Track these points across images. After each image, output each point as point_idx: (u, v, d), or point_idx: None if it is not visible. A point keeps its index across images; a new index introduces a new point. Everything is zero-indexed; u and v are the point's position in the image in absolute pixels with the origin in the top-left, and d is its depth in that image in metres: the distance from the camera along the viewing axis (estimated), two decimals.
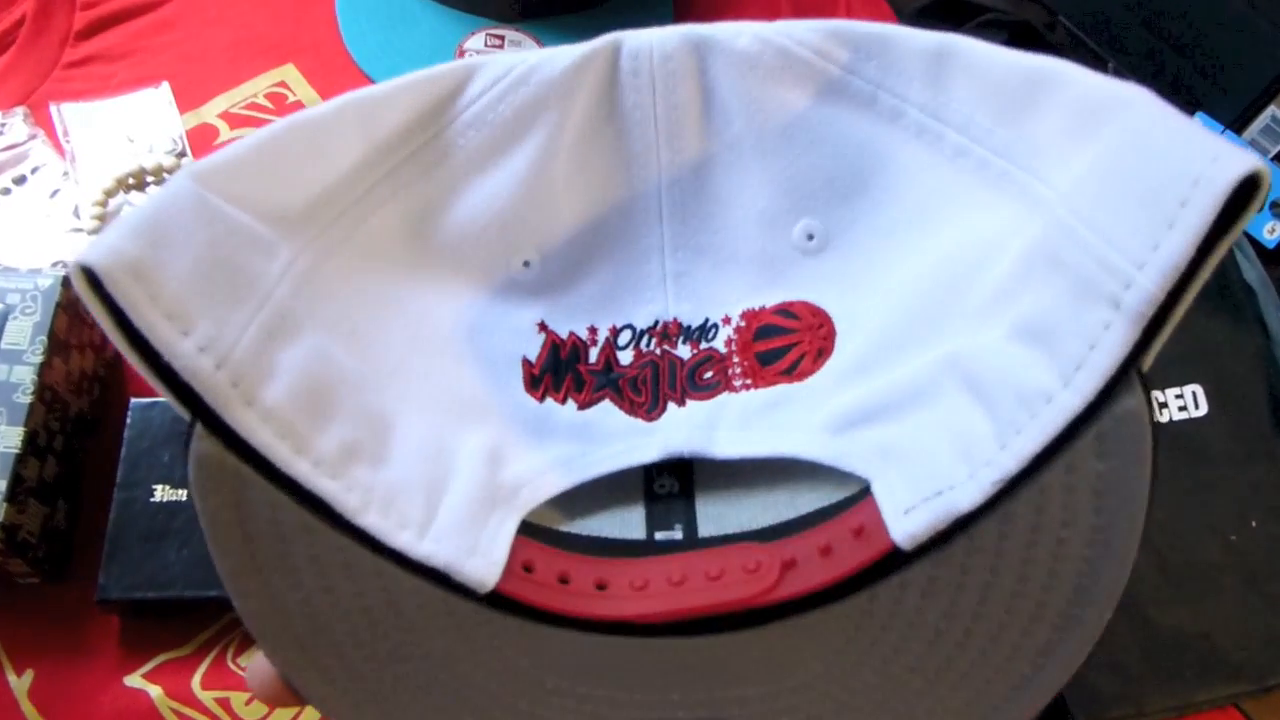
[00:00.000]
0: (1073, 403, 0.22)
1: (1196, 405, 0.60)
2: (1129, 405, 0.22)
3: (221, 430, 0.23)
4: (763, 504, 0.29)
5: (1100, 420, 0.22)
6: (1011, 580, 0.24)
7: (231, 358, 0.22)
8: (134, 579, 0.46)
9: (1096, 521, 0.23)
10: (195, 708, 0.46)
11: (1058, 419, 0.22)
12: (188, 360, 0.22)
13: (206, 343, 0.22)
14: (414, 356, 0.28)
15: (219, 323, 0.23)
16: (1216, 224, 0.21)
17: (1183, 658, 0.52)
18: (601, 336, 0.32)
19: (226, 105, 0.62)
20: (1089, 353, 0.22)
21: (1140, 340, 0.21)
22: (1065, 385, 0.22)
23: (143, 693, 0.46)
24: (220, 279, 0.23)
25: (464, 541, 0.25)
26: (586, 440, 0.30)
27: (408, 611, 0.25)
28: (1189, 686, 0.51)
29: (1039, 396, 0.23)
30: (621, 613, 0.25)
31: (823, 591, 0.25)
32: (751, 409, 0.30)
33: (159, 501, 0.47)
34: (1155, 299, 0.21)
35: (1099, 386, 0.22)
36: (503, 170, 0.30)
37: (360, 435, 0.25)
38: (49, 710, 0.46)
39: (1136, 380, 0.22)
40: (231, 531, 0.24)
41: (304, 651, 0.25)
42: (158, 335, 0.22)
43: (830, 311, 0.31)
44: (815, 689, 0.25)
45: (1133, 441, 0.22)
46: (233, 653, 0.47)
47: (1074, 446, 0.22)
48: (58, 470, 0.47)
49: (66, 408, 0.48)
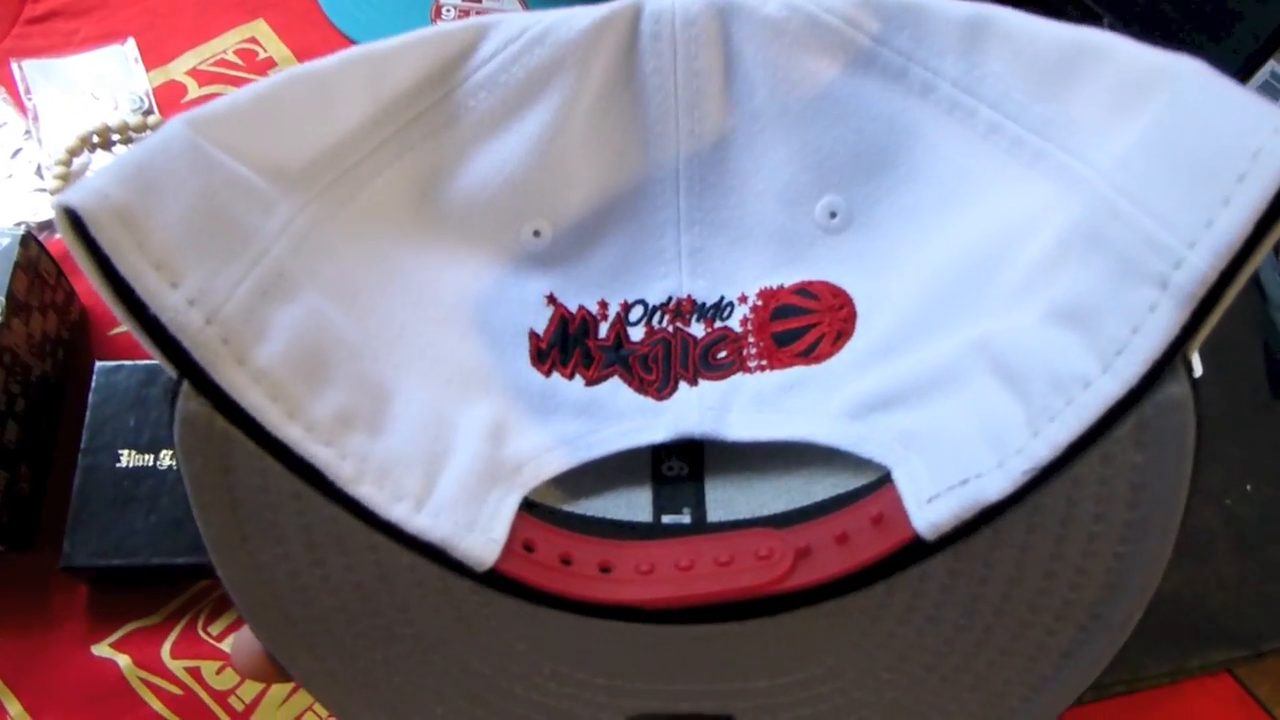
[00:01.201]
0: (1112, 389, 0.21)
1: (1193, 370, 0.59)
2: (1173, 393, 0.20)
3: (210, 389, 0.21)
4: (776, 489, 0.28)
5: (1141, 408, 0.21)
6: (1037, 576, 0.22)
7: (223, 313, 0.21)
8: (100, 546, 0.44)
9: (1131, 516, 0.21)
10: (165, 677, 0.45)
11: (1095, 406, 0.21)
12: (176, 313, 0.21)
13: (196, 296, 0.21)
14: (416, 325, 0.27)
15: (211, 276, 0.21)
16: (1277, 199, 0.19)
17: (1177, 623, 0.51)
18: (612, 311, 0.31)
19: (195, 62, 0.60)
20: (1132, 336, 0.20)
21: (1189, 323, 0.20)
22: (1105, 370, 0.21)
23: (111, 662, 0.45)
24: (214, 231, 0.22)
25: (463, 517, 0.24)
26: (593, 418, 0.29)
27: (401, 588, 0.24)
28: (1183, 652, 0.51)
29: (1076, 382, 0.21)
30: (626, 597, 0.24)
31: (837, 581, 0.24)
32: (766, 391, 0.29)
33: (125, 467, 0.46)
34: (1208, 279, 0.19)
35: (1141, 372, 0.20)
36: (514, 135, 0.29)
37: (357, 402, 0.24)
38: (14, 680, 0.44)
39: (1181, 367, 0.20)
40: (217, 497, 0.22)
41: (291, 626, 0.24)
42: (144, 285, 0.20)
43: (851, 292, 0.30)
44: (826, 683, 0.24)
45: (1175, 432, 0.21)
46: (203, 621, 0.46)
47: (1112, 435, 0.21)
48: (20, 435, 0.46)
49: (28, 371, 0.47)
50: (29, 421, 0.47)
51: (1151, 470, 0.21)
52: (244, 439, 0.22)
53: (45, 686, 0.44)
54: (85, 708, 0.44)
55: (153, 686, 0.45)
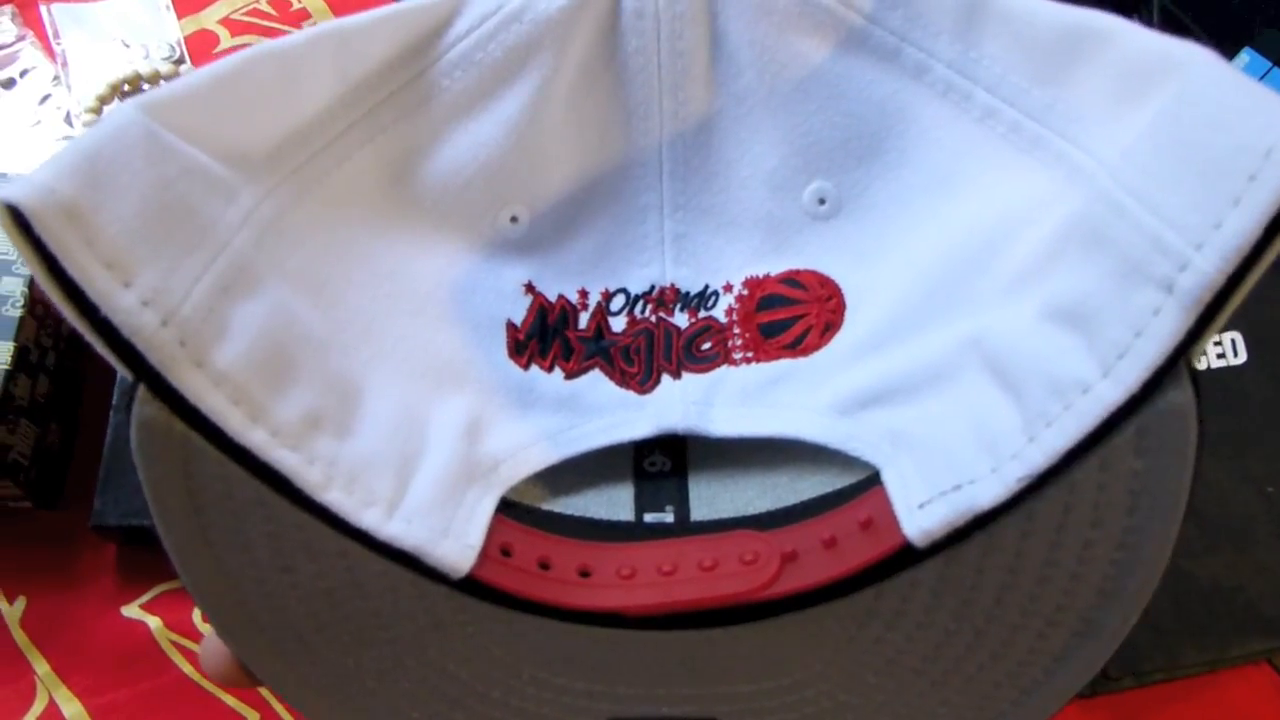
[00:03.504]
0: (1113, 395, 0.20)
1: (1235, 353, 0.58)
2: (1175, 400, 0.20)
3: (167, 394, 0.20)
4: (761, 487, 0.27)
5: (1142, 415, 0.20)
6: (1030, 582, 0.22)
7: (180, 313, 0.20)
8: (132, 505, 0.43)
9: (1129, 523, 0.21)
10: (196, 640, 0.44)
11: (1095, 412, 0.20)
12: (129, 315, 0.19)
13: (151, 296, 0.20)
14: (388, 317, 0.26)
15: (167, 273, 0.20)
16: None
17: (1216, 611, 0.51)
18: (593, 301, 0.30)
19: (228, 11, 0.58)
20: (1134, 340, 0.20)
21: (1194, 328, 0.19)
22: (1105, 375, 0.20)
23: (141, 624, 0.44)
24: (170, 224, 0.20)
25: (436, 522, 0.23)
26: (573, 412, 0.28)
27: (373, 594, 0.23)
28: (1223, 641, 0.50)
29: (1074, 386, 0.21)
30: (606, 603, 0.24)
31: (825, 588, 0.23)
32: (752, 384, 0.28)
33: None
34: (1215, 283, 0.19)
35: (1144, 378, 0.20)
36: (491, 116, 0.28)
37: (325, 403, 0.23)
38: (42, 640, 0.44)
39: (1185, 372, 0.20)
40: (178, 503, 0.21)
41: (260, 633, 0.23)
42: (94, 286, 0.19)
43: (840, 282, 0.29)
44: (812, 687, 0.23)
45: (1176, 439, 0.20)
46: None
47: (1111, 442, 0.20)
48: (50, 389, 0.45)
49: (59, 324, 0.45)
50: (59, 375, 0.46)
51: (1151, 477, 0.20)
52: (205, 445, 0.21)
53: (74, 647, 0.44)
54: (114, 669, 0.43)
55: (183, 649, 0.44)
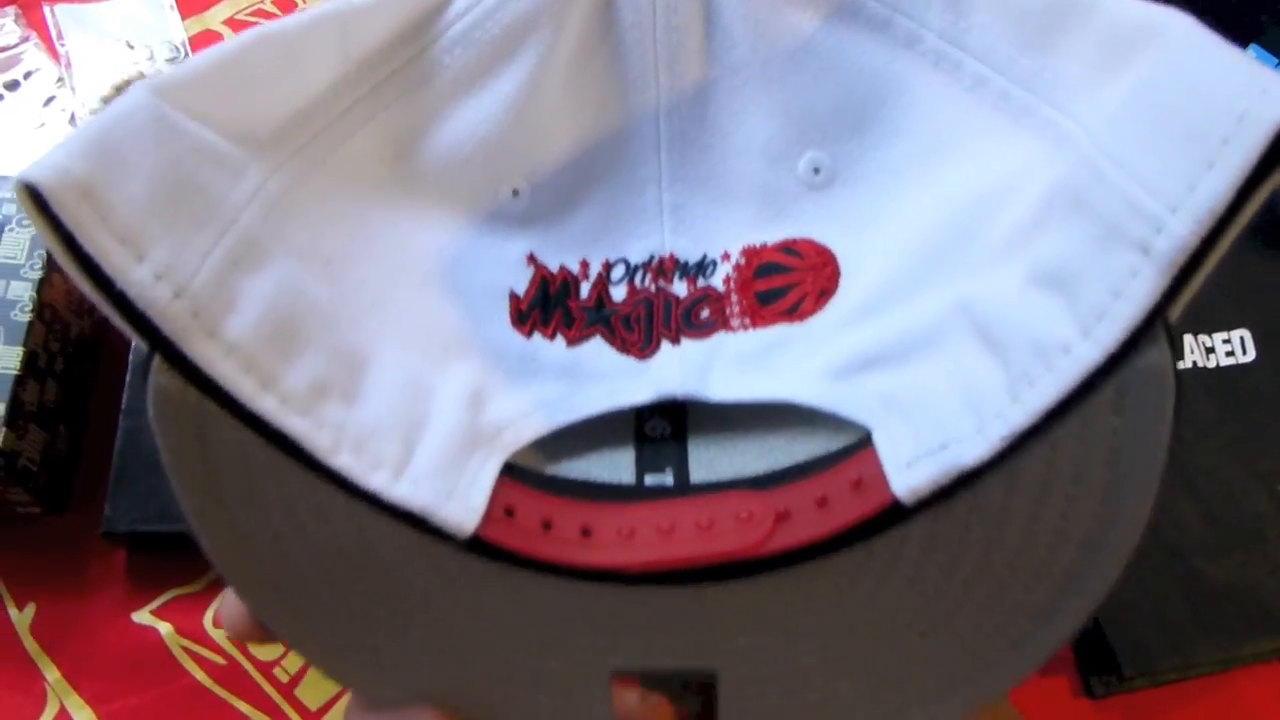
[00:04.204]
0: (1092, 355, 0.21)
1: (1244, 350, 0.58)
2: (1153, 359, 0.20)
3: (181, 363, 0.21)
4: (758, 450, 0.28)
5: (1121, 374, 0.21)
6: (1016, 538, 0.22)
7: (191, 286, 0.21)
8: (142, 511, 0.43)
9: (1110, 480, 0.21)
10: (208, 647, 0.44)
11: (1075, 372, 0.21)
12: (143, 288, 0.20)
13: (163, 269, 0.20)
14: (393, 289, 0.27)
15: (178, 248, 0.21)
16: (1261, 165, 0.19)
17: (1229, 611, 0.51)
18: (594, 271, 0.30)
19: (231, 11, 0.58)
20: (1113, 302, 0.20)
21: (1169, 289, 0.20)
22: (1085, 336, 0.21)
23: (152, 630, 0.44)
24: (180, 201, 0.21)
25: (442, 484, 0.24)
26: (575, 379, 0.28)
27: (383, 554, 0.24)
28: (1235, 640, 0.50)
29: (1056, 347, 0.21)
30: (606, 560, 0.24)
31: (817, 544, 0.24)
32: (749, 350, 0.29)
33: None
34: (1189, 245, 0.19)
35: (1121, 338, 0.20)
36: (490, 93, 0.28)
37: (332, 371, 0.23)
38: (52, 646, 0.43)
39: (1162, 332, 0.20)
40: (195, 468, 0.22)
41: (275, 592, 0.24)
42: (110, 261, 0.20)
43: (835, 250, 0.29)
44: (806, 642, 0.24)
45: (1154, 398, 0.21)
46: None
47: (1090, 401, 0.21)
48: (59, 395, 0.44)
49: (67, 328, 0.45)
50: (67, 381, 0.45)
51: (1131, 435, 0.21)
52: (219, 411, 0.22)
53: (84, 653, 0.43)
54: (126, 676, 0.43)
55: (195, 656, 0.44)
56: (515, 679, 0.25)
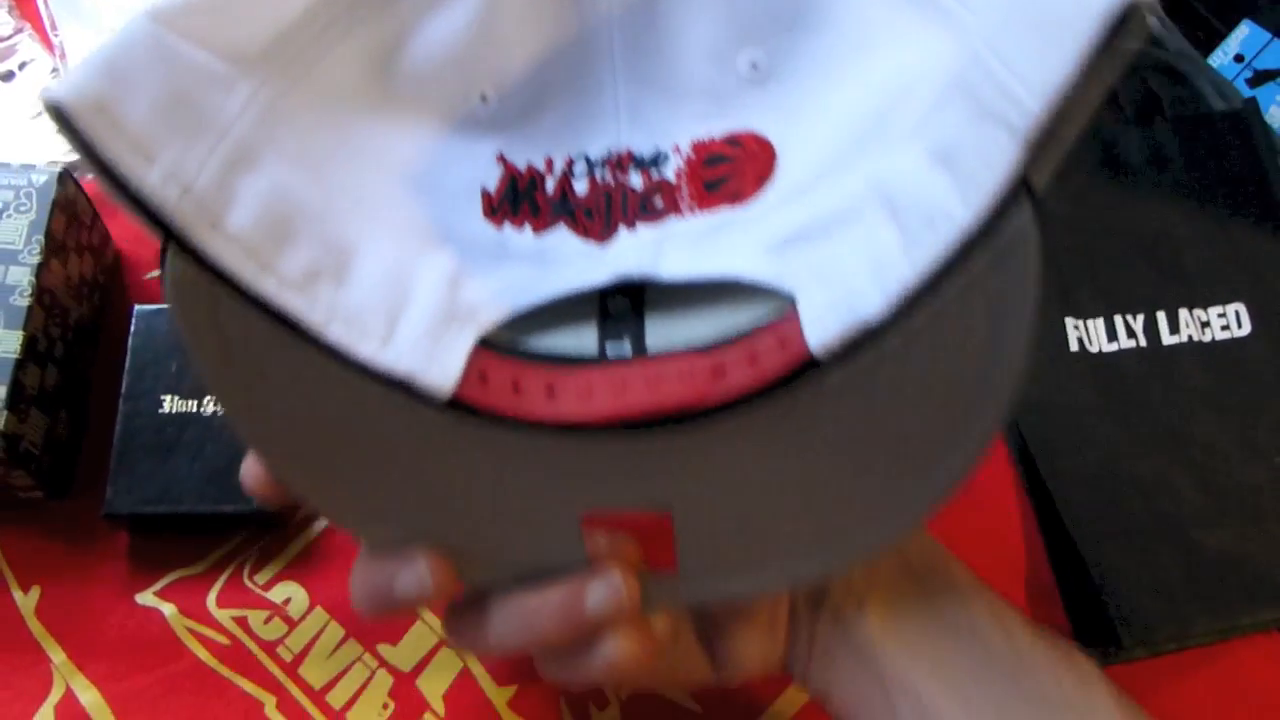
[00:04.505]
0: (968, 220, 0.24)
1: (1239, 324, 0.58)
2: (1019, 223, 0.24)
3: (192, 252, 0.24)
4: (706, 322, 0.30)
5: (994, 237, 0.24)
6: (916, 386, 0.26)
7: (195, 186, 0.24)
8: (143, 493, 0.43)
9: (991, 332, 0.25)
10: (212, 626, 0.44)
11: (955, 235, 0.24)
12: (154, 188, 0.24)
13: (170, 172, 0.24)
14: (375, 189, 0.30)
15: (181, 154, 0.24)
16: (1104, 51, 0.22)
17: (1227, 581, 0.51)
18: (558, 168, 0.33)
19: None
20: (985, 173, 0.23)
21: (1030, 161, 0.23)
22: (964, 204, 0.24)
23: (156, 611, 0.44)
24: (181, 113, 0.24)
25: (423, 352, 0.27)
26: (542, 264, 0.31)
27: (375, 416, 0.27)
28: (1234, 610, 0.50)
29: (942, 215, 0.24)
30: (568, 415, 0.27)
31: (749, 396, 0.27)
32: (697, 233, 0.31)
33: (168, 413, 0.45)
34: (1042, 122, 0.22)
35: (992, 204, 0.23)
36: (456, 7, 0.31)
37: (323, 259, 0.26)
38: (57, 628, 0.44)
39: (1027, 200, 0.23)
40: (210, 344, 0.26)
41: (287, 453, 0.28)
42: (124, 165, 0.23)
43: (773, 139, 0.31)
44: (746, 481, 0.28)
45: (1023, 257, 0.24)
46: (249, 571, 0.45)
47: (970, 261, 0.24)
48: (59, 380, 0.45)
49: (66, 314, 0.45)
50: (67, 365, 0.45)
51: (1005, 291, 0.24)
52: (226, 293, 0.25)
53: (89, 635, 0.44)
54: (130, 656, 0.43)
55: (199, 636, 0.44)
56: (497, 524, 0.29)
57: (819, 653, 0.36)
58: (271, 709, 0.43)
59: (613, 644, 0.30)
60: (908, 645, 0.34)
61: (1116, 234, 0.59)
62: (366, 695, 0.44)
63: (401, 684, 0.44)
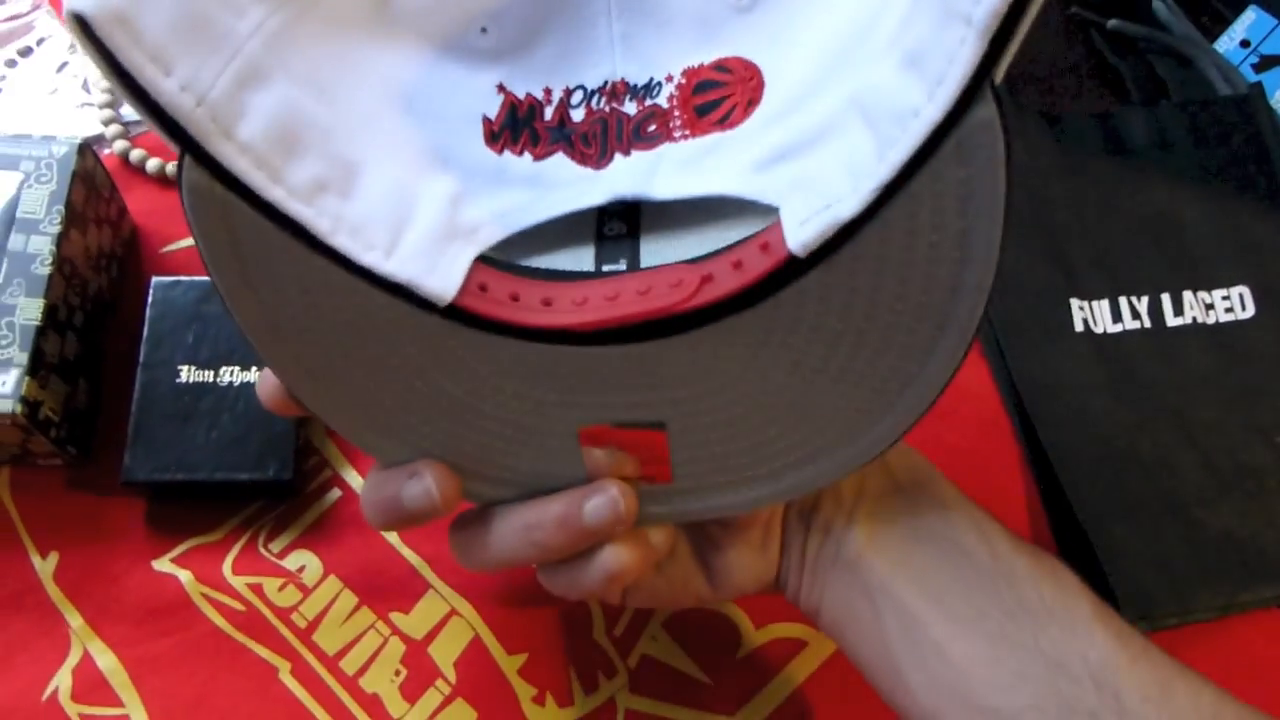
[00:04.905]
0: (933, 113, 0.24)
1: (1243, 306, 0.59)
2: (983, 115, 0.24)
3: (206, 160, 0.25)
4: (698, 239, 0.31)
5: (959, 130, 0.24)
6: (894, 283, 0.27)
7: (209, 98, 0.25)
8: (161, 461, 0.44)
9: (962, 225, 0.26)
10: (227, 593, 0.45)
11: (922, 130, 0.24)
12: (170, 97, 0.25)
13: (186, 83, 0.25)
14: (380, 113, 0.30)
15: (196, 67, 0.25)
16: None
17: (1229, 558, 0.51)
18: (556, 97, 0.34)
19: None
20: (948, 68, 0.24)
21: (988, 52, 0.23)
22: (929, 100, 0.24)
23: (172, 577, 0.45)
24: (195, 31, 0.25)
25: (425, 263, 0.28)
26: (540, 187, 0.32)
27: (381, 324, 0.29)
28: (1235, 587, 0.51)
29: (910, 113, 0.25)
30: (562, 322, 0.29)
31: (734, 299, 0.28)
32: (688, 155, 0.32)
33: (184, 383, 0.45)
34: (999, 11, 0.23)
35: (955, 96, 0.24)
36: None
37: (330, 172, 0.27)
38: (75, 593, 0.44)
39: (990, 93, 0.24)
40: (225, 251, 0.27)
41: (298, 361, 0.30)
42: (144, 75, 0.24)
43: (760, 65, 0.32)
44: (735, 388, 0.30)
45: (988, 148, 0.24)
46: (264, 539, 0.46)
47: (938, 155, 0.25)
48: (78, 348, 0.45)
49: (85, 284, 0.46)
50: (86, 335, 0.46)
51: (974, 182, 0.25)
52: (239, 201, 0.26)
53: (106, 600, 0.44)
54: (147, 621, 0.44)
55: (214, 602, 0.45)
56: (499, 437, 0.31)
57: (810, 568, 0.37)
58: (286, 674, 0.44)
59: (610, 553, 0.32)
60: (893, 557, 0.35)
61: (1122, 217, 0.59)
62: (379, 662, 0.45)
63: (413, 651, 0.45)
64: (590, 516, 0.31)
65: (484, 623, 0.46)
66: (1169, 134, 0.61)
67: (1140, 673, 0.33)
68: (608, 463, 0.32)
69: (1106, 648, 0.33)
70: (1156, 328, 0.57)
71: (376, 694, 0.44)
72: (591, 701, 0.45)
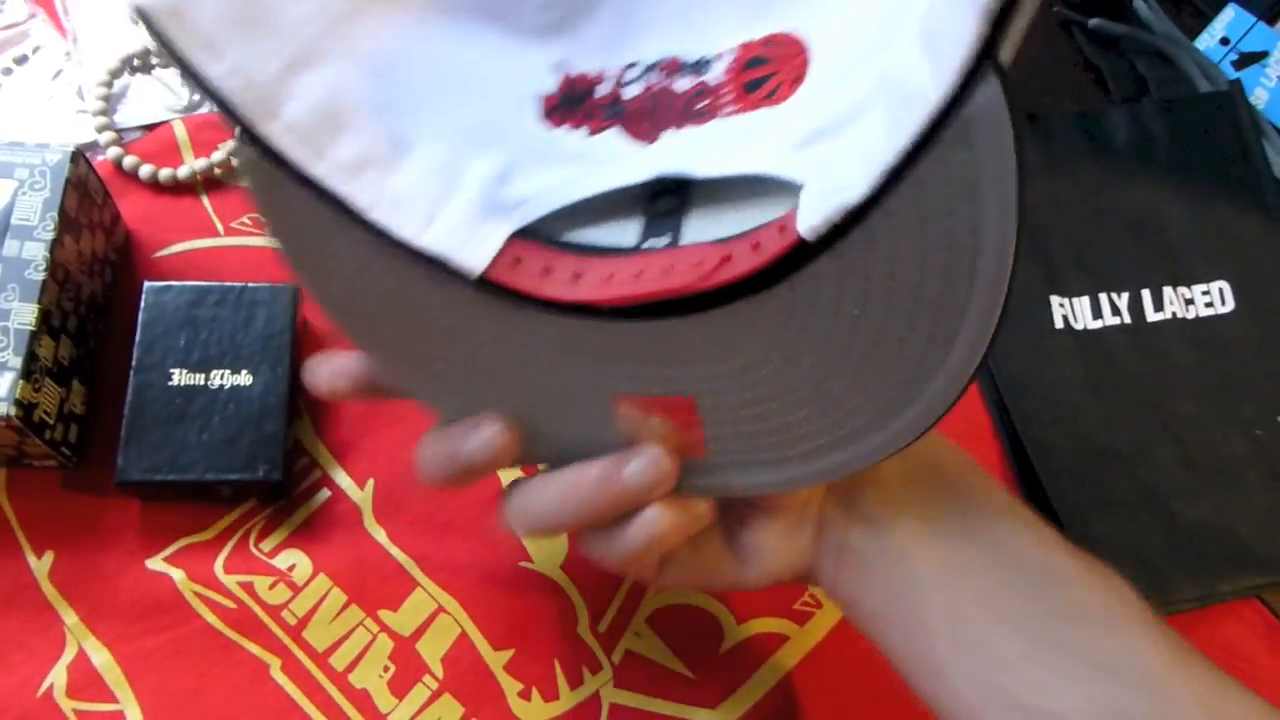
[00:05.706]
0: (937, 95, 0.24)
1: (1223, 301, 0.59)
2: (986, 96, 0.24)
3: (255, 139, 0.28)
4: (741, 218, 0.31)
5: (963, 111, 0.24)
6: (910, 270, 0.27)
7: (257, 81, 0.27)
8: (153, 461, 0.45)
9: (972, 209, 0.25)
10: (219, 591, 0.46)
11: (926, 112, 0.24)
12: (220, 81, 0.27)
13: (236, 68, 0.27)
14: (439, 90, 0.32)
15: (246, 53, 0.27)
16: None
17: (1207, 550, 0.52)
18: (610, 74, 0.34)
19: None
20: (952, 49, 0.24)
21: (990, 35, 0.23)
22: (935, 81, 0.24)
23: (165, 576, 0.46)
24: (248, 19, 0.27)
25: (460, 237, 0.29)
26: (590, 163, 0.32)
27: (422, 293, 0.31)
28: (1213, 578, 0.52)
29: (918, 96, 0.25)
30: (587, 296, 0.29)
31: (750, 279, 0.28)
32: (735, 132, 0.32)
33: (176, 386, 0.46)
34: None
35: (957, 78, 0.24)
36: None
37: (374, 150, 0.29)
38: (70, 591, 0.45)
39: (993, 74, 0.24)
40: (282, 223, 0.31)
41: (354, 321, 0.33)
42: (195, 61, 0.27)
43: (806, 42, 0.33)
44: (758, 370, 0.30)
45: (994, 129, 0.24)
46: (254, 538, 0.47)
47: (943, 138, 0.24)
48: (72, 352, 0.46)
49: (79, 289, 0.47)
50: (79, 339, 0.47)
51: (981, 165, 0.25)
52: (287, 177, 0.28)
53: (101, 598, 0.45)
54: (140, 619, 0.45)
55: (206, 600, 0.45)
56: (536, 405, 0.33)
57: (850, 559, 0.37)
58: (277, 670, 0.45)
59: (653, 513, 0.33)
60: (941, 554, 0.35)
61: (1102, 213, 0.60)
62: (368, 658, 0.45)
63: (402, 648, 0.46)
64: (630, 477, 0.32)
65: (471, 619, 0.46)
66: (1149, 131, 0.62)
67: (1192, 682, 0.33)
68: (645, 430, 0.32)
69: (1158, 654, 0.33)
70: (1137, 323, 0.58)
71: (365, 689, 0.45)
72: (576, 696, 0.46)
